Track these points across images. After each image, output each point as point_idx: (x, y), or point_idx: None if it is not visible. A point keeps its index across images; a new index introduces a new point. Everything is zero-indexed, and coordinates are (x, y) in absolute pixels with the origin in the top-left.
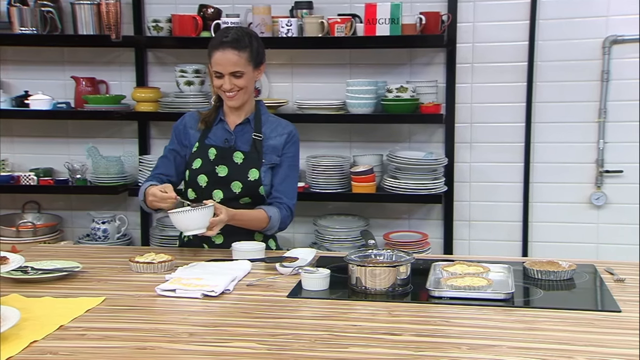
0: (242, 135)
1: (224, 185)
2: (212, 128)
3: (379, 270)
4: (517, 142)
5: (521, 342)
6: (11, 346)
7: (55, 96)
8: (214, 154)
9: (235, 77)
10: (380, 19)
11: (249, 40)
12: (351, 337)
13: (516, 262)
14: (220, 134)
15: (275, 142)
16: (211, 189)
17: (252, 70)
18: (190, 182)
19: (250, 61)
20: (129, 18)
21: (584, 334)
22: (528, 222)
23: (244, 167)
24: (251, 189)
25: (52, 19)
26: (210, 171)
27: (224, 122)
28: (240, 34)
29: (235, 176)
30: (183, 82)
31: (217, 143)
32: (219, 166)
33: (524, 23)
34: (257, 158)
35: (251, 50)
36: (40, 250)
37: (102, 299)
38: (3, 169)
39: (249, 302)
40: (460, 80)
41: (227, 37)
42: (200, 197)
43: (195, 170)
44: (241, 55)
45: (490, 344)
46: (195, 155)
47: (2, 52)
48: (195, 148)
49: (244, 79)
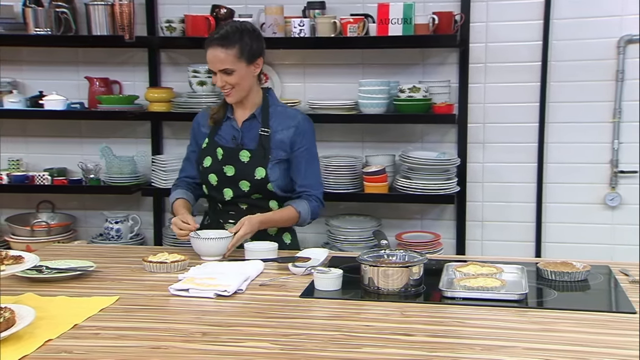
0: (249, 131)
1: (233, 184)
2: (221, 125)
3: (391, 270)
4: (531, 142)
5: (536, 343)
6: (26, 345)
7: (69, 96)
8: (221, 154)
9: (225, 74)
10: (392, 19)
11: (239, 35)
12: (364, 337)
13: (530, 262)
14: (228, 131)
15: (282, 136)
16: (221, 188)
17: (246, 66)
18: (202, 179)
19: (241, 57)
20: (142, 18)
21: (599, 336)
22: (541, 222)
23: (251, 166)
24: (259, 187)
25: (67, 20)
26: (218, 170)
27: (231, 119)
28: (229, 30)
29: (242, 175)
30: (196, 82)
31: (226, 141)
32: (226, 166)
33: (538, 23)
34: (264, 156)
35: (241, 45)
36: (54, 250)
37: (115, 298)
38: (17, 168)
39: (261, 302)
40: (473, 80)
41: (217, 33)
42: (213, 194)
43: (206, 169)
44: (228, 52)
45: (505, 345)
46: (206, 153)
47: (17, 52)
48: (205, 144)
49: (235, 76)
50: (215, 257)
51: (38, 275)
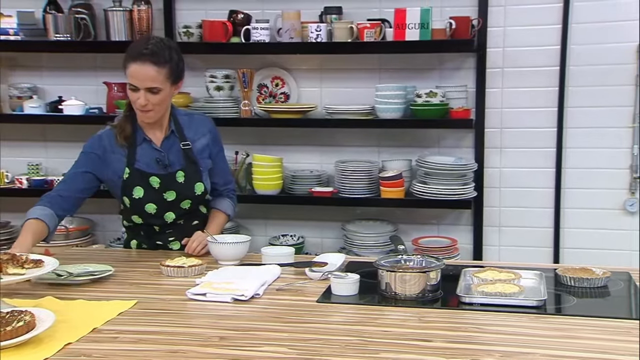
0: (171, 148)
1: (174, 206)
2: (136, 149)
3: (409, 275)
4: (549, 147)
5: (555, 350)
6: (46, 348)
7: (87, 101)
8: (157, 183)
9: (151, 93)
10: (409, 23)
11: (169, 54)
12: (382, 342)
13: (548, 268)
14: (148, 154)
15: (200, 144)
16: (162, 214)
17: (170, 86)
18: (134, 209)
19: (169, 77)
20: (160, 24)
21: (619, 343)
22: (560, 228)
23: (189, 184)
24: (199, 202)
25: (86, 26)
26: (157, 199)
27: (148, 141)
28: (160, 46)
29: (183, 196)
30: (213, 87)
31: (148, 166)
32: (166, 192)
33: (556, 27)
34: (197, 170)
35: (171, 65)
36: (73, 254)
37: (134, 302)
38: (37, 173)
39: (278, 307)
40: (491, 85)
41: (147, 49)
42: (150, 221)
43: (139, 200)
44: (160, 70)
45: (524, 351)
46: (132, 184)
47: (37, 58)
48: (127, 175)
49: (160, 96)
50: (232, 261)
51: (58, 279)
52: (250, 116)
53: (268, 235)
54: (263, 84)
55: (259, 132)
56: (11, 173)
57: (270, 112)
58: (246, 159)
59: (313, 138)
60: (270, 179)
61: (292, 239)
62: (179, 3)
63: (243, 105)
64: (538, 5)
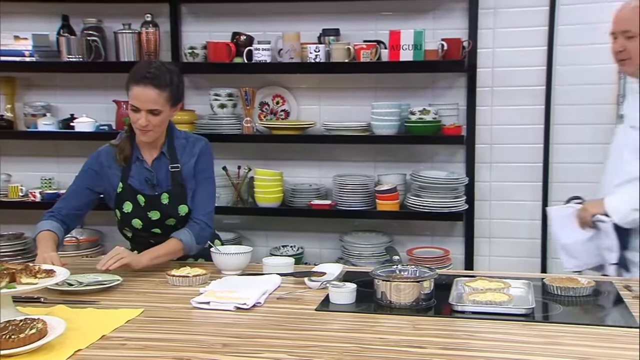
0: (160, 169)
1: (159, 224)
2: (131, 166)
3: (403, 285)
4: (536, 162)
5: (542, 356)
6: (57, 354)
7: (98, 119)
8: (143, 201)
9: (152, 114)
10: (404, 45)
11: (170, 78)
12: (377, 349)
13: (536, 278)
14: (140, 172)
15: (188, 167)
16: (148, 229)
17: (170, 108)
18: (123, 222)
19: (169, 100)
20: (167, 45)
21: (603, 349)
22: (547, 239)
23: (173, 206)
24: (184, 220)
25: (97, 47)
26: (143, 216)
27: (141, 160)
28: (162, 70)
29: (167, 216)
30: (217, 105)
31: (140, 184)
32: (150, 211)
33: (542, 49)
34: (182, 193)
35: (171, 89)
36: (83, 264)
37: (140, 310)
38: (49, 187)
39: (279, 315)
40: (481, 103)
41: (149, 72)
42: (140, 234)
43: (128, 214)
44: (161, 93)
45: (512, 357)
46: (123, 198)
47: (51, 78)
48: (120, 189)
49: (160, 117)
50: (235, 271)
51: (68, 288)
52: (252, 132)
53: (269, 246)
54: (264, 102)
55: (260, 148)
56: (25, 187)
57: (271, 129)
58: (248, 173)
59: (312, 153)
60: (271, 192)
61: (292, 250)
62: (185, 25)
63: (245, 122)
64: (525, 29)
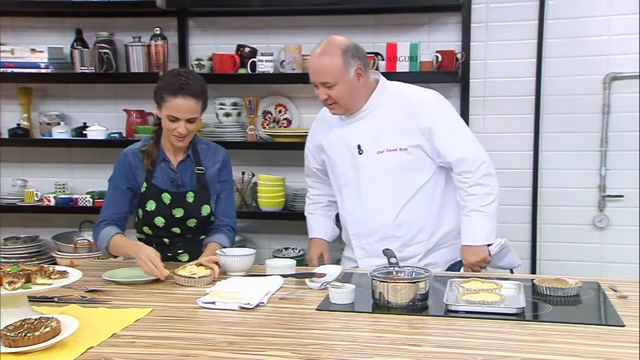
0: (186, 171)
1: (181, 223)
2: (156, 167)
3: (400, 285)
4: (526, 168)
5: (533, 353)
6: (70, 351)
7: (109, 127)
8: (168, 199)
9: (189, 122)
10: (400, 56)
11: (202, 86)
12: (375, 347)
13: (526, 279)
14: (165, 173)
15: (212, 171)
16: (169, 227)
17: (199, 116)
18: (145, 221)
19: (203, 107)
20: (175, 57)
21: (590, 347)
22: (536, 242)
23: (197, 205)
24: (205, 222)
25: (108, 59)
26: (167, 214)
27: (167, 161)
28: (197, 81)
29: (190, 215)
30: (222, 113)
31: (164, 184)
32: (175, 209)
33: (532, 61)
34: (206, 194)
35: (204, 97)
36: (97, 265)
37: (149, 309)
38: (63, 192)
39: (281, 314)
40: (473, 112)
41: (186, 84)
42: (159, 233)
43: (150, 212)
44: (198, 102)
45: (505, 355)
46: (147, 197)
47: (64, 88)
48: (144, 189)
49: (196, 124)
50: (239, 272)
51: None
52: (255, 140)
53: (272, 249)
54: (267, 111)
55: (263, 154)
56: (40, 192)
57: (274, 136)
58: (252, 178)
59: None
60: (273, 197)
61: (293, 252)
62: (192, 38)
63: (249, 130)
64: (515, 41)
